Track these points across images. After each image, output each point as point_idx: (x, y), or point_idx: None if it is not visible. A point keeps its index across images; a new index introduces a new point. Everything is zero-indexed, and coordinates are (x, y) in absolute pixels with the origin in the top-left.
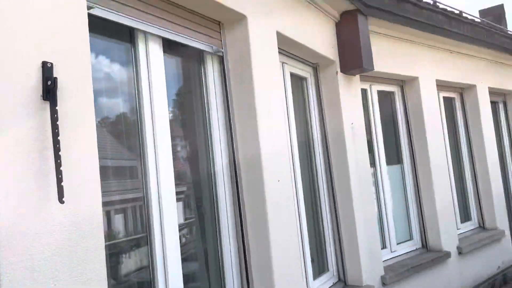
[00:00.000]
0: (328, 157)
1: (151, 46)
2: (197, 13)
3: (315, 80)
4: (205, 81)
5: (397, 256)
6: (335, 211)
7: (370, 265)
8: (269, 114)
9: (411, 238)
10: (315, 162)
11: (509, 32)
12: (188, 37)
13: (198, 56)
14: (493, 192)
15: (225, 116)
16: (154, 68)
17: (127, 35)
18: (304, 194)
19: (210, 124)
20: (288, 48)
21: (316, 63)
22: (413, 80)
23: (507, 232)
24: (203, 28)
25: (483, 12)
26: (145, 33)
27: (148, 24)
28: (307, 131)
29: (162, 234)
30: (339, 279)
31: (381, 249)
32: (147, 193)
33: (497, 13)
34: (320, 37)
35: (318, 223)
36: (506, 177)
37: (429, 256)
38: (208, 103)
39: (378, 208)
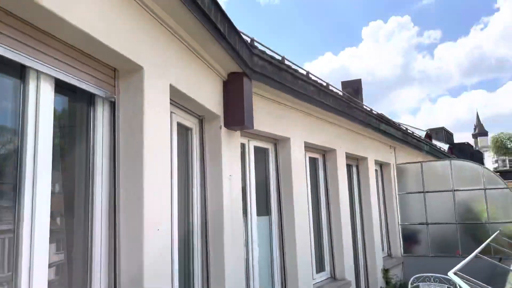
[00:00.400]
0: (205, 205)
1: (42, 84)
2: (93, 57)
3: (200, 131)
4: (94, 125)
5: None
6: (207, 259)
7: None
8: (155, 163)
9: (273, 287)
10: (192, 211)
11: (364, 107)
12: (81, 80)
13: (89, 100)
14: (344, 245)
15: (110, 163)
16: (43, 107)
17: (18, 72)
18: (178, 243)
19: (93, 168)
20: (178, 99)
21: (202, 116)
22: (286, 140)
23: (353, 283)
24: (98, 72)
25: (344, 83)
26: (37, 71)
27: (41, 62)
28: (187, 179)
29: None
30: None
31: None
32: (19, 232)
33: (355, 86)
34: (208, 93)
35: (189, 272)
36: (355, 233)
37: None
38: (94, 147)
39: (246, 256)
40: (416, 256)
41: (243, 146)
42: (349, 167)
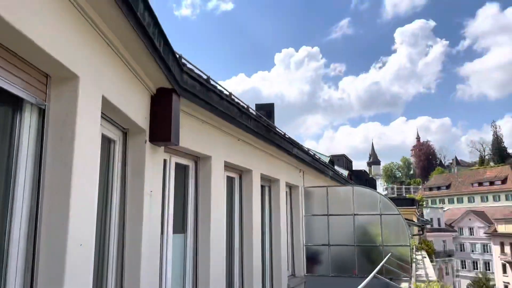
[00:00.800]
0: (123, 220)
1: None
2: (25, 60)
3: (123, 144)
4: (19, 132)
5: None
6: (121, 276)
7: None
8: (84, 175)
9: None
10: (110, 226)
11: (278, 131)
12: (10, 83)
13: (16, 104)
14: (254, 264)
15: (34, 172)
16: None
17: None
18: (95, 259)
19: (15, 177)
20: (106, 110)
21: (127, 129)
22: (207, 158)
23: None
24: (29, 77)
25: (258, 106)
26: None
27: None
28: (107, 192)
29: None
30: None
31: None
32: None
33: (268, 109)
34: (137, 106)
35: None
36: (263, 252)
37: None
38: (17, 154)
39: (160, 274)
40: (317, 276)
41: (164, 162)
42: (262, 188)
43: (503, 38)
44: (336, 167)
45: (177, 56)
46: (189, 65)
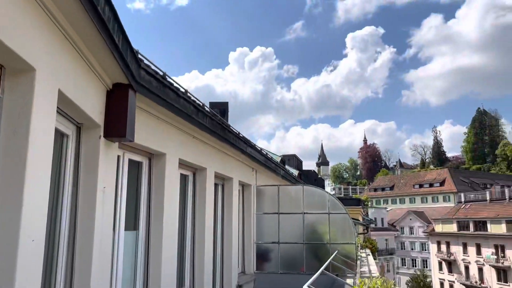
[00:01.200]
0: (75, 216)
1: None
2: None
3: (77, 139)
4: None
5: None
6: (71, 273)
7: None
8: (38, 170)
9: None
10: (61, 223)
11: (233, 129)
12: None
13: None
14: (205, 262)
15: None
16: None
17: None
18: (45, 255)
19: None
20: (62, 104)
21: (81, 124)
22: (161, 155)
23: None
24: None
25: (212, 104)
26: None
27: None
28: (58, 188)
29: None
30: None
31: None
32: None
33: (222, 107)
34: (92, 101)
35: (50, 285)
36: (215, 250)
37: None
38: None
39: (111, 271)
40: (266, 273)
41: (118, 158)
42: (216, 186)
43: (445, 48)
44: (287, 167)
45: (135, 51)
46: (146, 61)
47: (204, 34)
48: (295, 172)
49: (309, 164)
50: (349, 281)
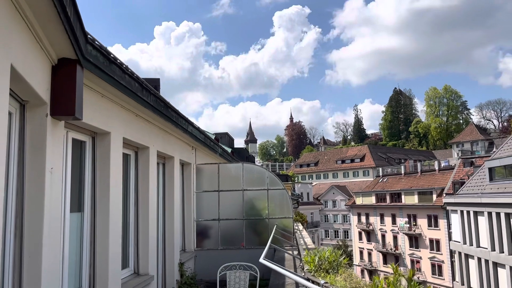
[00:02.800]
0: (22, 198)
1: None
2: None
3: (21, 118)
4: None
5: None
6: (20, 258)
7: None
8: None
9: (80, 286)
10: (6, 204)
11: (175, 108)
12: None
13: None
14: (150, 241)
15: None
16: None
17: None
18: None
19: None
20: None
21: (26, 101)
22: (106, 134)
23: (155, 277)
24: None
25: (145, 81)
26: None
27: None
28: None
29: None
30: None
31: None
32: None
33: (153, 85)
34: (40, 77)
35: None
36: (158, 229)
37: None
38: None
39: (60, 255)
40: (207, 250)
41: (62, 137)
42: (157, 165)
43: (365, 30)
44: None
45: (83, 24)
46: (89, 36)
47: (127, 5)
48: (228, 150)
49: (238, 142)
50: (289, 252)
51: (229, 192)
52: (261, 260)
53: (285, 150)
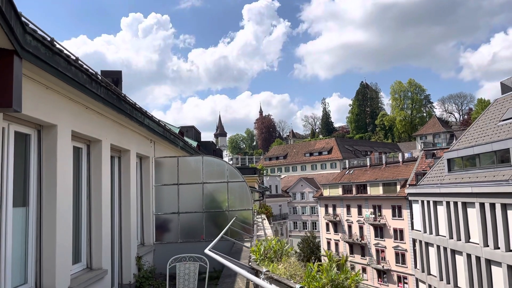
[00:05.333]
0: None
1: None
2: None
3: None
4: None
5: None
6: None
7: None
8: None
9: (25, 282)
10: None
11: (129, 100)
12: None
13: None
14: (103, 236)
15: None
16: None
17: None
18: None
19: None
20: None
21: None
22: (52, 127)
23: (109, 271)
24: None
25: (104, 73)
26: None
27: None
28: None
29: None
30: None
31: None
32: None
33: (115, 77)
34: None
35: None
36: (113, 223)
37: None
38: None
39: None
40: (166, 243)
41: (2, 130)
42: (112, 158)
43: (332, 24)
44: (185, 138)
45: (19, 14)
46: (31, 25)
47: None
48: (194, 143)
49: (207, 136)
50: (247, 244)
51: (189, 185)
52: (206, 251)
53: (254, 143)
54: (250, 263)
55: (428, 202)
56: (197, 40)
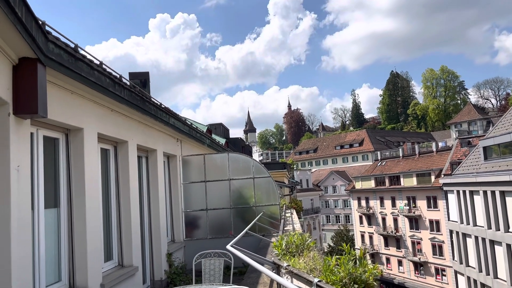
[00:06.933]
0: None
1: None
2: None
3: None
4: None
5: None
6: None
7: None
8: None
9: (60, 280)
10: None
11: (153, 101)
12: None
13: None
14: (133, 234)
15: None
16: None
17: None
18: None
19: None
20: None
21: None
22: (78, 130)
23: (140, 268)
24: None
25: (132, 75)
26: None
27: None
28: None
29: None
30: None
31: None
32: None
33: (143, 78)
34: None
35: None
36: (142, 221)
37: None
38: None
39: (32, 250)
40: (196, 240)
41: (31, 135)
42: (139, 158)
43: (359, 13)
44: (213, 136)
45: (40, 23)
46: (54, 33)
47: None
48: (222, 140)
49: (236, 132)
50: (274, 239)
51: (216, 182)
52: (228, 247)
53: (284, 138)
54: (272, 258)
55: (464, 191)
56: (223, 38)
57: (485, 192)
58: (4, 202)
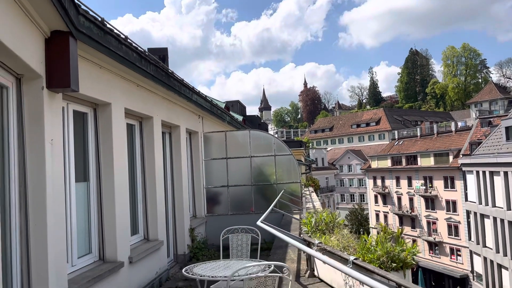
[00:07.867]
0: (24, 170)
1: None
2: None
3: (18, 91)
4: None
5: (78, 269)
6: (26, 227)
7: (56, 280)
8: None
9: (90, 252)
10: (9, 177)
11: (177, 76)
12: None
13: None
14: (158, 208)
15: None
16: None
17: None
18: None
19: None
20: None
21: (21, 75)
22: (106, 105)
23: (165, 242)
24: None
25: (151, 50)
26: None
27: None
28: (2, 143)
29: None
30: None
31: None
32: None
33: (162, 54)
34: (31, 50)
35: (6, 240)
36: (166, 196)
37: (106, 267)
38: None
39: (65, 223)
40: (217, 215)
41: (62, 109)
42: (163, 134)
43: None
44: (231, 113)
45: None
46: (83, 7)
47: None
48: (239, 117)
49: (251, 110)
50: (296, 216)
51: (237, 159)
52: (258, 223)
53: (299, 116)
54: (301, 235)
55: (484, 172)
56: (239, 14)
57: (505, 173)
58: (40, 175)
